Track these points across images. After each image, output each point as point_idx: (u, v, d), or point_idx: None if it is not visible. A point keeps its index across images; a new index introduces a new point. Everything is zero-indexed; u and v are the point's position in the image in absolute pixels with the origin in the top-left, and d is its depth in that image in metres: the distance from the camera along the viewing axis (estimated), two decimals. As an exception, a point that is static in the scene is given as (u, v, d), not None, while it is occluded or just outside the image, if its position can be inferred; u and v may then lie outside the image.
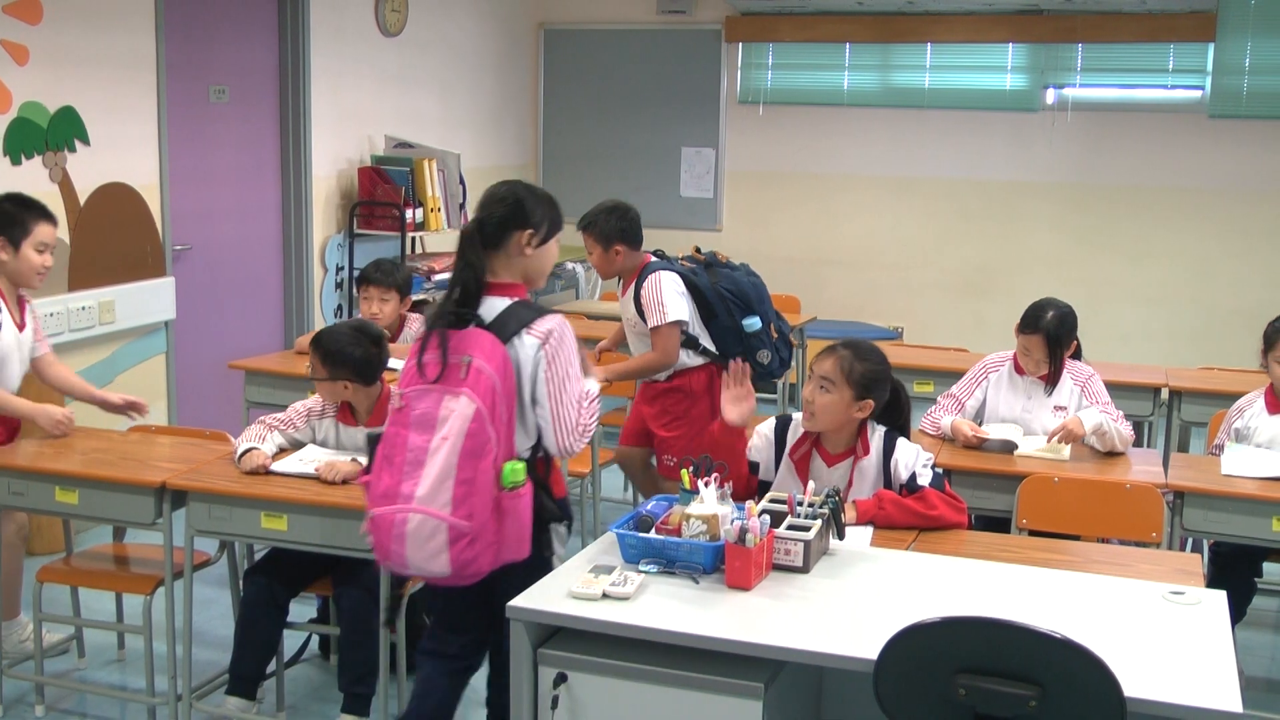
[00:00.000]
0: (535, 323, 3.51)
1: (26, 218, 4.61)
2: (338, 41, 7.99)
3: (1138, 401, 5.99)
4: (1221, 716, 2.61)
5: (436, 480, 3.36)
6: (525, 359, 3.50)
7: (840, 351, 3.87)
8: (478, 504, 3.36)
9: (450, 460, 3.35)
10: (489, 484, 3.38)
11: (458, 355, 3.40)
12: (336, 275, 8.12)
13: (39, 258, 4.64)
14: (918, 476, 3.87)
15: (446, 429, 3.36)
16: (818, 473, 3.94)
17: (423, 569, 3.44)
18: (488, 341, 3.43)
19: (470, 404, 3.35)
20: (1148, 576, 3.41)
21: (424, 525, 3.36)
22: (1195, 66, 9.15)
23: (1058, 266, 9.37)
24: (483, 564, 3.42)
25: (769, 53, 10.06)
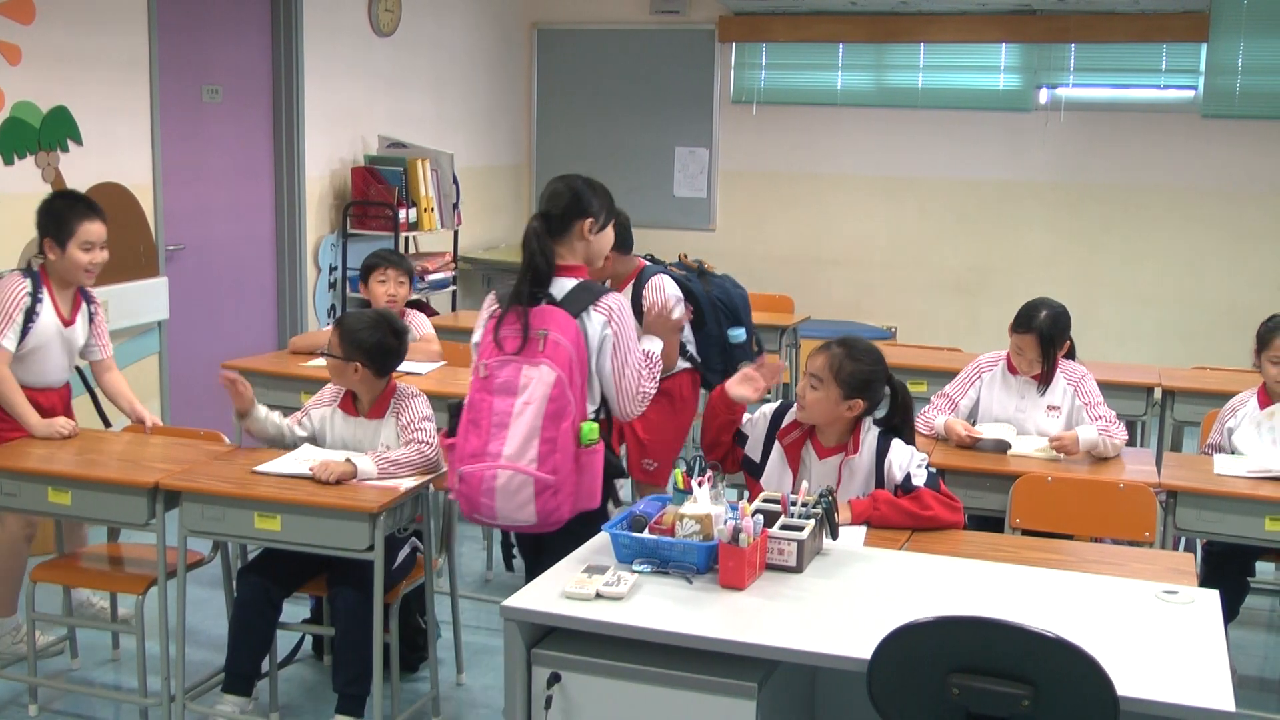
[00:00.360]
0: (600, 299, 3.93)
1: (71, 217, 4.70)
2: (331, 41, 7.98)
3: (1131, 401, 5.99)
4: (1214, 715, 2.61)
5: (523, 440, 3.77)
6: (593, 332, 3.90)
7: (833, 350, 3.88)
8: (560, 460, 3.77)
9: (534, 422, 3.77)
10: (570, 443, 3.79)
11: (535, 330, 3.81)
12: (330, 275, 8.12)
13: (85, 256, 4.72)
14: (912, 477, 3.88)
15: (528, 394, 3.78)
16: (808, 463, 3.97)
17: (511, 519, 3.84)
18: (562, 317, 3.85)
19: (551, 372, 3.77)
20: (1141, 576, 3.42)
21: (512, 480, 3.77)
22: (1188, 66, 9.16)
23: (1051, 266, 9.38)
24: (563, 513, 3.82)
25: (762, 52, 10.07)
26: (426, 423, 4.38)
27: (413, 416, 4.38)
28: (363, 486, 4.09)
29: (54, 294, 4.77)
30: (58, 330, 4.78)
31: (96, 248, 4.75)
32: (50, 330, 4.75)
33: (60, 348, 4.80)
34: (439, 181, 8.35)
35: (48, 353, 4.76)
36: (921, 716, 2.74)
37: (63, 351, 4.82)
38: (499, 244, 9.98)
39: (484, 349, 3.90)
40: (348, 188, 8.16)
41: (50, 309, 4.74)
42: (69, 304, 4.82)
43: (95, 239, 4.74)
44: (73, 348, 4.87)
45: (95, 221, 4.75)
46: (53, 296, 4.76)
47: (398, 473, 4.19)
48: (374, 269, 5.81)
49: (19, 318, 4.66)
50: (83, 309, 4.89)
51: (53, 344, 4.77)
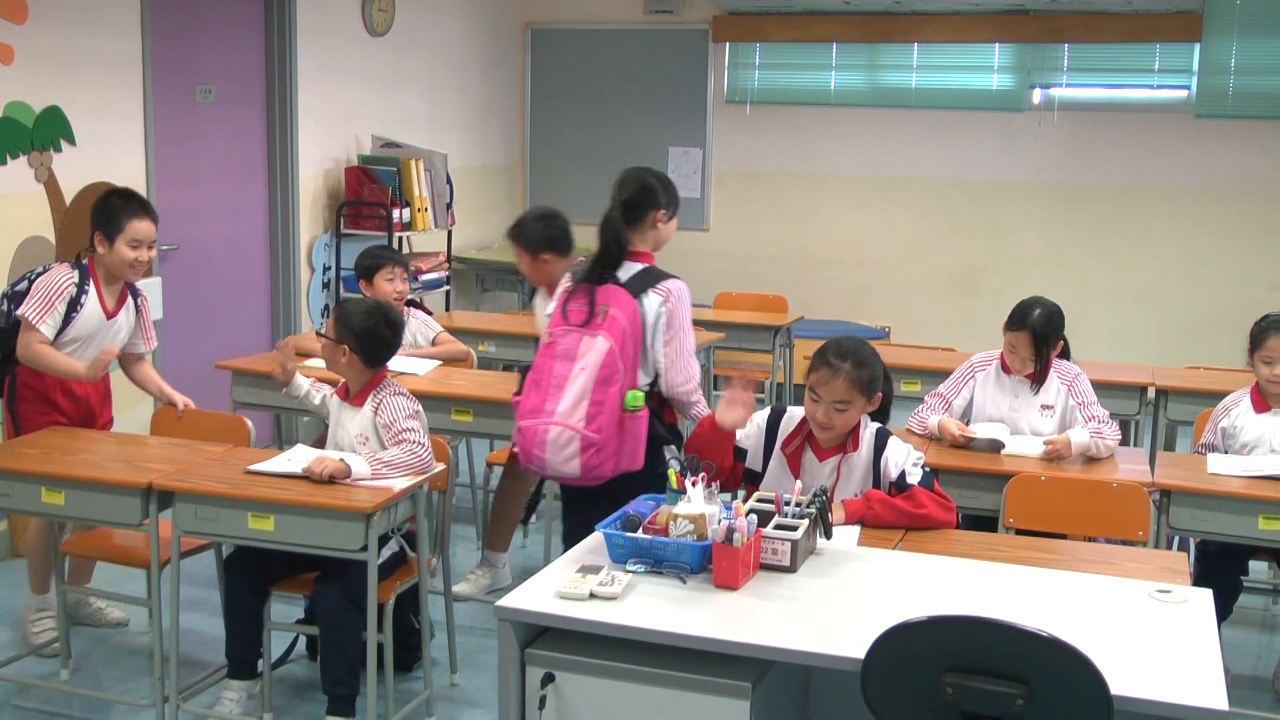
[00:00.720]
0: (660, 283, 4.41)
1: (122, 214, 4.79)
2: (324, 41, 7.97)
3: (1124, 401, 6.00)
4: (1207, 714, 2.62)
5: (574, 401, 4.24)
6: (650, 310, 4.36)
7: (842, 368, 3.81)
8: (605, 421, 4.22)
9: (586, 386, 4.23)
10: (615, 406, 4.23)
11: (599, 305, 4.28)
12: (324, 275, 8.11)
13: (132, 253, 4.81)
14: (907, 475, 3.88)
15: (585, 361, 4.24)
16: (809, 467, 3.96)
17: (558, 471, 4.29)
18: (623, 296, 4.32)
19: (605, 342, 4.23)
20: (1134, 575, 3.42)
21: (561, 435, 4.24)
22: (1181, 66, 9.17)
23: (1044, 266, 9.38)
24: (605, 469, 4.26)
25: (756, 52, 10.07)
26: (413, 421, 4.37)
27: (395, 416, 4.36)
28: (356, 487, 4.09)
29: (100, 287, 4.85)
30: (100, 322, 4.85)
31: (144, 246, 4.83)
32: (93, 322, 4.83)
33: (102, 340, 4.86)
34: (432, 181, 8.35)
35: (88, 344, 4.83)
36: (915, 716, 2.74)
37: (106, 343, 4.87)
38: (492, 244, 9.98)
39: (553, 320, 4.38)
40: (341, 188, 8.15)
41: (95, 301, 4.83)
42: (115, 298, 4.90)
43: (143, 237, 4.82)
44: (118, 339, 4.93)
45: (145, 220, 4.83)
46: (98, 289, 4.84)
47: (391, 473, 4.18)
48: (379, 267, 5.85)
49: (61, 307, 4.75)
50: (128, 303, 4.96)
51: (94, 336, 4.84)
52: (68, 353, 4.78)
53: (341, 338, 4.39)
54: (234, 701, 4.37)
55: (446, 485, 4.56)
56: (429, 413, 4.55)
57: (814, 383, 3.86)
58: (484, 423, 5.30)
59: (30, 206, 6.02)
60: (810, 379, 3.88)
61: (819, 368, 3.86)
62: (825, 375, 3.83)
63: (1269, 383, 4.83)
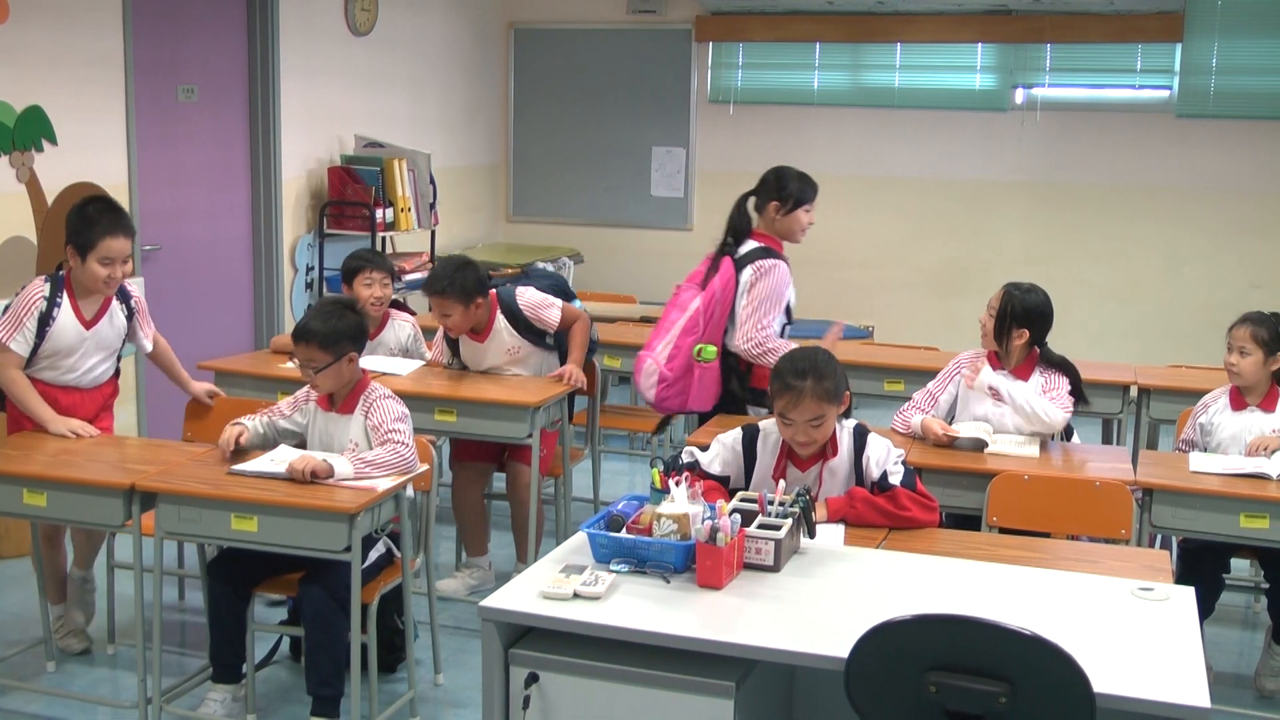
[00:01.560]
0: (758, 260, 5.25)
1: (95, 230, 4.65)
2: (307, 41, 7.96)
3: (1107, 399, 6.02)
4: (1190, 711, 2.63)
5: (665, 343, 5.25)
6: (743, 281, 5.24)
7: (804, 386, 3.79)
8: (679, 364, 5.21)
9: (675, 333, 5.24)
10: (687, 353, 5.20)
11: (712, 271, 5.25)
12: (307, 275, 8.09)
13: (104, 270, 4.68)
14: (889, 475, 3.89)
15: (683, 313, 5.24)
16: (792, 479, 3.94)
17: (644, 396, 5.34)
18: (727, 265, 5.28)
19: (698, 301, 5.22)
20: (1117, 573, 3.44)
21: (649, 367, 5.27)
22: (1163, 67, 9.20)
23: (1027, 265, 9.40)
24: (673, 404, 5.29)
25: (739, 52, 10.08)
26: (400, 424, 4.36)
27: (384, 417, 4.36)
28: (340, 487, 4.08)
29: (74, 297, 4.75)
30: (79, 334, 4.75)
31: (116, 263, 4.70)
32: (70, 333, 4.73)
33: (85, 349, 4.78)
34: (416, 181, 8.34)
35: (71, 356, 4.76)
36: (899, 714, 2.75)
37: (89, 353, 4.80)
38: (476, 243, 9.97)
39: (688, 277, 5.36)
40: (324, 188, 8.14)
41: (69, 312, 4.72)
42: (94, 306, 4.80)
43: (116, 255, 4.69)
44: (104, 347, 4.85)
45: (119, 238, 4.68)
46: (73, 300, 4.74)
47: (374, 473, 4.17)
48: (358, 271, 5.72)
49: (30, 323, 4.66)
50: (112, 309, 4.86)
51: (77, 348, 4.76)
52: (47, 365, 4.72)
53: (340, 349, 4.36)
54: (218, 703, 4.36)
55: (430, 485, 4.55)
56: (412, 413, 4.54)
57: (782, 409, 3.84)
58: (468, 423, 5.29)
59: (11, 207, 6.01)
60: (778, 406, 3.86)
61: (782, 393, 3.83)
62: (791, 399, 3.81)
63: (1229, 370, 4.89)
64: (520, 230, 10.58)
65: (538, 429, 5.25)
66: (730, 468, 4.02)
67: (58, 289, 4.73)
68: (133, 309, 4.96)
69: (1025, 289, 4.96)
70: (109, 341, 4.88)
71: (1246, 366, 4.86)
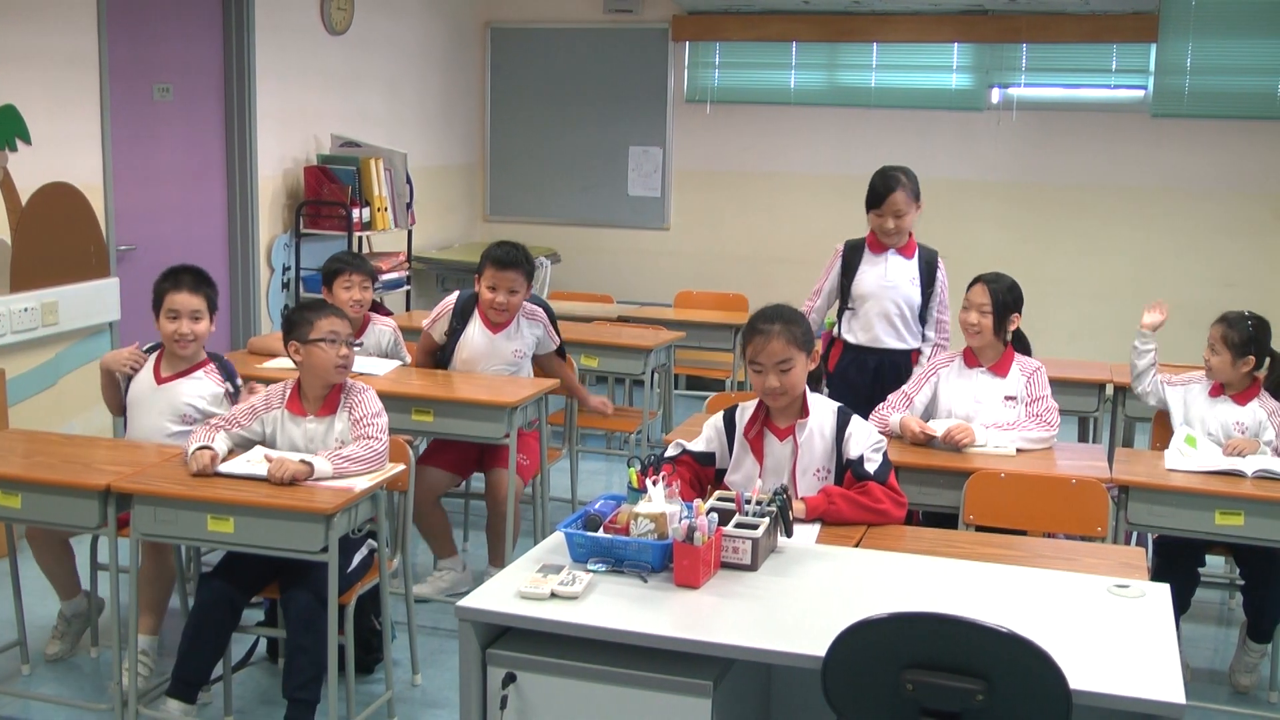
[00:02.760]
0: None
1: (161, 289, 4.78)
2: (283, 39, 7.94)
3: (1083, 397, 6.04)
4: (1165, 707, 2.64)
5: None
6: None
7: (773, 329, 3.90)
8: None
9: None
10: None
11: None
12: (283, 276, 8.07)
13: (171, 325, 4.74)
14: (866, 461, 3.92)
15: None
16: (770, 449, 3.99)
17: None
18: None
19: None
20: (1093, 570, 3.45)
21: None
22: (1138, 67, 9.24)
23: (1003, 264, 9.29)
24: None
25: (716, 51, 10.09)
26: (378, 419, 4.36)
27: (366, 411, 4.36)
28: (318, 488, 4.06)
29: (160, 359, 4.84)
30: (150, 387, 4.79)
31: (184, 317, 4.73)
32: (143, 389, 4.79)
33: (151, 404, 4.78)
34: (392, 181, 8.32)
35: (138, 410, 4.80)
36: (876, 712, 2.75)
37: (153, 409, 4.77)
38: (453, 243, 9.96)
39: None
40: (300, 187, 8.12)
41: (149, 370, 4.81)
42: (173, 367, 4.81)
43: (180, 308, 4.73)
44: (169, 409, 4.77)
45: (181, 292, 4.75)
46: (157, 362, 4.83)
47: (353, 469, 4.16)
48: (338, 274, 5.70)
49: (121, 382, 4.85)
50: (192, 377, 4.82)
51: (143, 400, 4.79)
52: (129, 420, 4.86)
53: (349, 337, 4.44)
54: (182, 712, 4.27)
55: (407, 486, 4.54)
56: (390, 412, 4.54)
57: (752, 354, 3.92)
58: (445, 422, 5.28)
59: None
60: (749, 352, 3.94)
61: (752, 338, 3.93)
62: (760, 342, 3.90)
63: (1205, 365, 5.02)
64: (497, 230, 10.55)
65: (515, 429, 5.24)
66: (713, 444, 4.07)
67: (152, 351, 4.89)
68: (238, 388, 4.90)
69: (997, 278, 5.10)
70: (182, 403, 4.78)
71: (1216, 364, 4.96)
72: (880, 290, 5.73)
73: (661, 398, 7.37)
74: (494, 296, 5.50)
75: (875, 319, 5.73)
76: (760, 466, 3.98)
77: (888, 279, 5.73)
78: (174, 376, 4.79)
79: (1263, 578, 4.77)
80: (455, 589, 5.53)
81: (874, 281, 5.75)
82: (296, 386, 4.47)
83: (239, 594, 4.27)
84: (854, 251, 5.85)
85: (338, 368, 4.41)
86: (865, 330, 5.75)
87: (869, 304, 5.74)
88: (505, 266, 5.48)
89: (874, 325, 5.73)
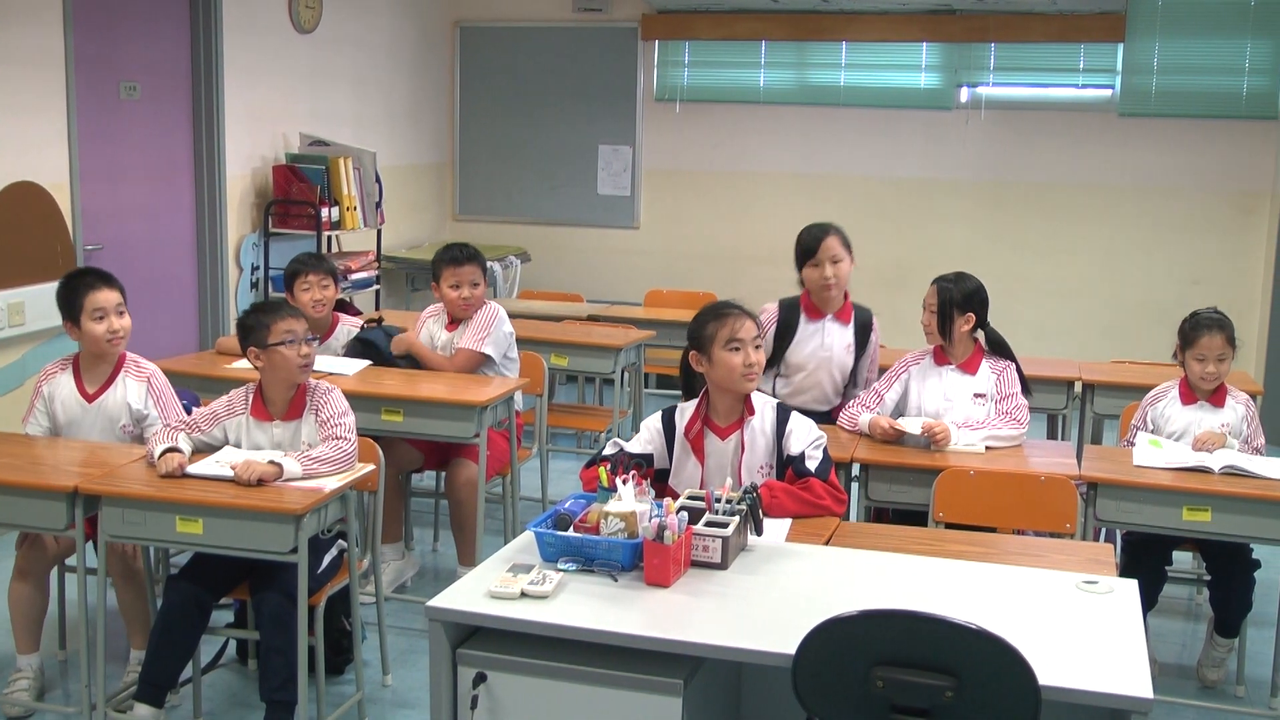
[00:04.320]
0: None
1: (77, 292, 4.63)
2: (251, 37, 7.90)
3: (1051, 395, 6.07)
4: (1133, 702, 2.65)
5: None
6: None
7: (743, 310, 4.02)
8: None
9: None
10: None
11: None
12: (252, 275, 8.04)
13: (100, 325, 4.63)
14: (806, 458, 3.95)
15: None
16: (712, 448, 4.01)
17: None
18: None
19: None
20: (1061, 567, 3.46)
21: None
22: (1105, 66, 9.29)
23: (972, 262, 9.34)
24: None
25: (685, 50, 10.09)
26: (346, 418, 4.35)
27: (333, 411, 4.34)
28: (287, 488, 4.05)
29: (79, 373, 4.70)
30: (80, 406, 4.69)
31: (111, 314, 4.65)
32: (72, 409, 4.68)
33: (89, 424, 4.69)
34: (361, 180, 8.30)
35: (76, 430, 4.69)
36: (846, 710, 2.76)
37: (94, 428, 4.70)
38: (423, 242, 9.93)
39: None
40: (269, 186, 8.08)
41: (71, 388, 4.69)
42: (99, 380, 4.71)
43: (106, 305, 4.64)
44: (107, 424, 4.71)
45: (102, 290, 4.65)
46: (76, 375, 4.70)
47: (323, 470, 4.14)
48: (295, 276, 5.71)
49: (39, 404, 4.69)
50: (118, 384, 4.74)
51: (76, 421, 4.69)
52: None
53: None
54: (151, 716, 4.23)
55: (377, 486, 4.53)
56: (358, 413, 4.52)
57: (729, 335, 3.93)
58: (415, 422, 5.27)
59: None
60: (722, 336, 3.94)
61: (725, 321, 3.96)
62: (736, 321, 3.96)
63: (1200, 379, 4.93)
64: (466, 229, 10.54)
65: (485, 428, 5.23)
66: (652, 445, 4.07)
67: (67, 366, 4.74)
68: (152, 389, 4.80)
69: (955, 278, 5.10)
70: (118, 416, 4.72)
71: (1226, 370, 4.93)
72: (817, 363, 5.45)
73: (631, 396, 7.36)
74: (459, 293, 5.71)
75: (808, 388, 5.50)
76: (702, 467, 3.98)
77: (824, 349, 5.47)
78: (102, 389, 4.71)
79: (1229, 573, 4.80)
80: (399, 579, 5.55)
81: (810, 352, 5.47)
82: (259, 391, 4.44)
83: (208, 595, 4.24)
84: (790, 312, 5.53)
85: (301, 367, 4.39)
86: (794, 397, 5.46)
87: (803, 375, 5.48)
88: (462, 263, 5.72)
89: (805, 393, 5.49)
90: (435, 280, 5.81)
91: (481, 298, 5.79)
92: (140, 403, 4.72)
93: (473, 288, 5.73)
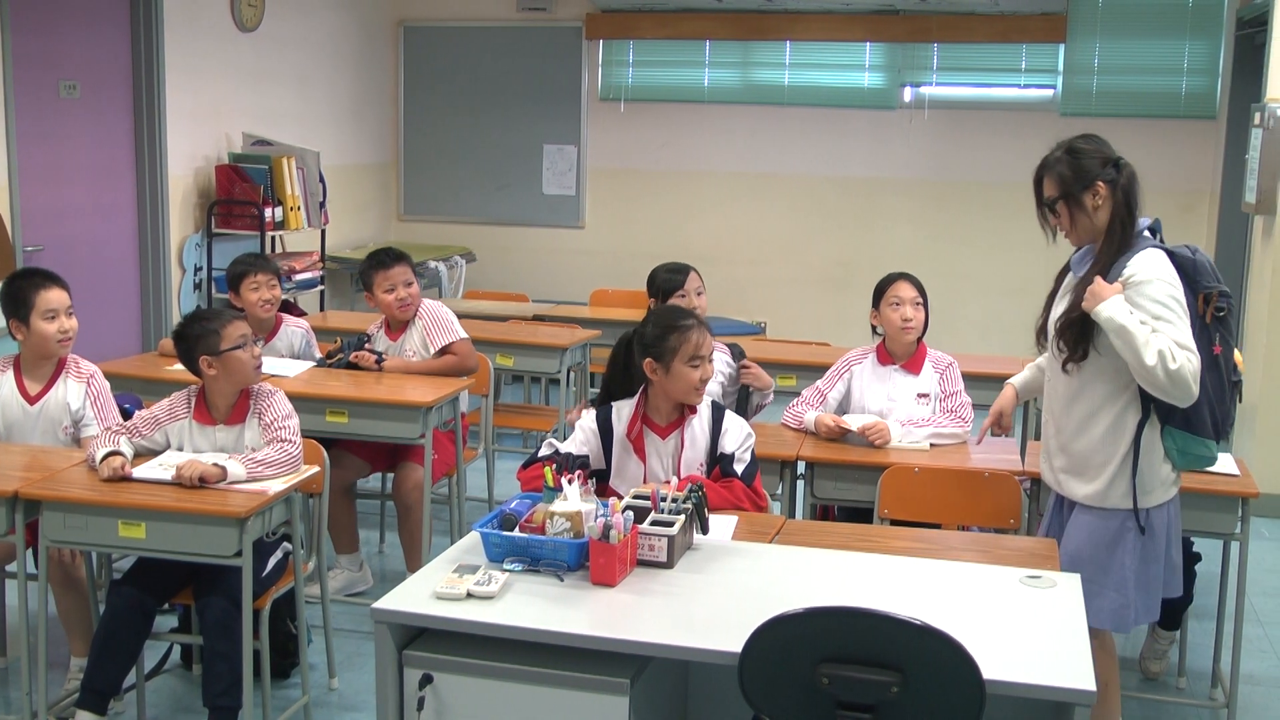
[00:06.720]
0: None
1: (27, 292, 4.57)
2: (192, 36, 7.84)
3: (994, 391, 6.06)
4: (1076, 694, 2.67)
5: None
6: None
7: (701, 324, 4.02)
8: None
9: None
10: None
11: None
12: (195, 276, 7.97)
13: (52, 325, 4.58)
14: (736, 460, 3.98)
15: None
16: (653, 448, 4.01)
17: None
18: None
19: None
20: (1005, 562, 3.48)
21: None
22: (1047, 66, 9.39)
23: (916, 261, 9.48)
24: None
25: (629, 50, 10.10)
26: (290, 420, 4.32)
27: (276, 414, 4.31)
28: (231, 491, 4.01)
29: (20, 374, 4.64)
30: (22, 409, 4.62)
31: (61, 314, 4.61)
32: (14, 411, 4.62)
33: (30, 427, 4.63)
34: (305, 180, 8.25)
35: (18, 432, 4.62)
36: (792, 707, 2.77)
37: (35, 430, 4.63)
38: (367, 242, 9.88)
39: None
40: (212, 186, 8.02)
41: (12, 389, 4.62)
42: (41, 381, 4.65)
43: (58, 305, 4.60)
44: (50, 426, 4.65)
45: (53, 289, 4.60)
46: (18, 376, 4.64)
47: (266, 473, 4.11)
48: (243, 276, 5.66)
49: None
50: (60, 385, 4.68)
51: (18, 423, 4.62)
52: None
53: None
54: None
55: (322, 488, 4.50)
56: (303, 414, 4.49)
57: (697, 348, 3.93)
58: (360, 424, 5.24)
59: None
60: (685, 351, 3.93)
61: (685, 334, 3.94)
62: (696, 336, 3.95)
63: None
64: (412, 229, 10.51)
65: (430, 429, 5.22)
66: (588, 446, 4.05)
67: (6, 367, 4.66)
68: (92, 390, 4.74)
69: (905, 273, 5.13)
70: (59, 418, 4.66)
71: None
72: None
73: (577, 396, 7.36)
74: (395, 295, 5.70)
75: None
76: (644, 466, 3.99)
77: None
78: (43, 391, 4.66)
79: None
80: (351, 588, 5.52)
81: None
82: (201, 394, 4.40)
83: (151, 600, 4.20)
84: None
85: (256, 369, 4.38)
86: None
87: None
88: (390, 265, 5.72)
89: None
90: (368, 290, 5.77)
91: (417, 295, 5.79)
92: (79, 403, 4.66)
93: (406, 287, 5.71)
